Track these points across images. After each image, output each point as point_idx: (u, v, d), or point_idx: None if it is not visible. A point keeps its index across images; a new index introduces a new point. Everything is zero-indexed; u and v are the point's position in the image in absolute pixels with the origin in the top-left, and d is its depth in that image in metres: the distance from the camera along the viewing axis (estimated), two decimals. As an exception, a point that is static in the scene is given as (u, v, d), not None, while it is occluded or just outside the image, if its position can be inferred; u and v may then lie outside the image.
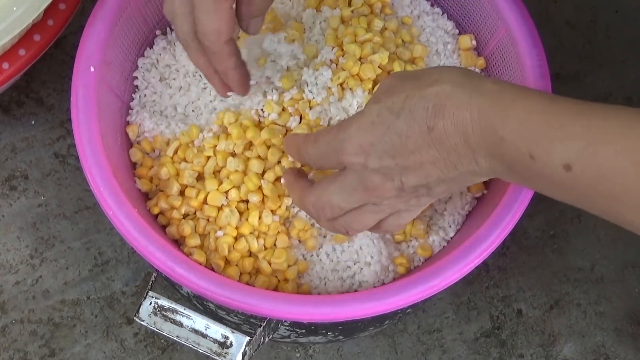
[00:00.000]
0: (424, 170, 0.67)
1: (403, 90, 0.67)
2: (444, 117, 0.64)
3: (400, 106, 0.66)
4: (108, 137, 0.82)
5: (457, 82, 0.65)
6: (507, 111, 0.62)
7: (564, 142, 0.60)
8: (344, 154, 0.69)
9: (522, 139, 0.62)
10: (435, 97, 0.65)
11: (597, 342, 1.04)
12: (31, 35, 0.88)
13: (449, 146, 0.65)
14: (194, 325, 0.74)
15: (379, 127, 0.67)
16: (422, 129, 0.65)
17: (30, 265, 1.01)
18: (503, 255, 1.06)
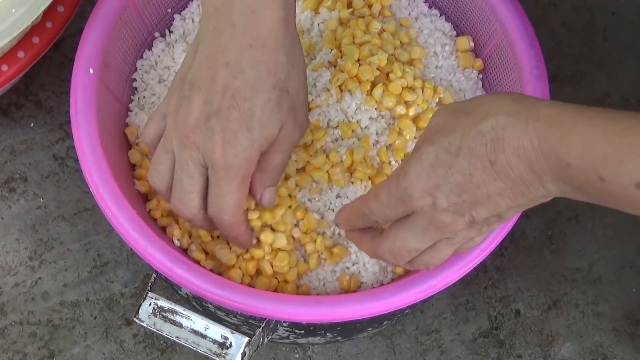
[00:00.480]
0: (492, 202, 0.66)
1: (457, 128, 0.66)
2: (504, 149, 0.63)
3: (458, 145, 0.65)
4: (107, 139, 0.82)
5: (511, 111, 0.64)
6: (569, 135, 0.61)
7: (633, 161, 0.58)
8: (411, 200, 0.68)
9: (589, 162, 0.60)
10: (492, 130, 0.64)
11: (595, 342, 1.04)
12: (30, 38, 0.88)
13: (515, 176, 0.64)
14: (194, 326, 0.74)
15: (439, 169, 0.66)
16: (485, 164, 0.64)
17: (30, 267, 1.01)
18: (501, 255, 1.06)
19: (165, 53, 0.91)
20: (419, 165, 0.67)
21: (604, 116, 0.61)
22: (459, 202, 0.66)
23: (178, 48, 0.91)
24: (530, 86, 0.84)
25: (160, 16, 0.92)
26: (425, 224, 0.69)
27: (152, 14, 0.91)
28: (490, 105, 0.65)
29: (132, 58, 0.90)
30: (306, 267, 0.84)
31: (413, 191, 0.67)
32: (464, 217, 0.67)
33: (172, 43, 0.92)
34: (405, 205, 0.69)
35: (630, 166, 0.59)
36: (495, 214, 0.67)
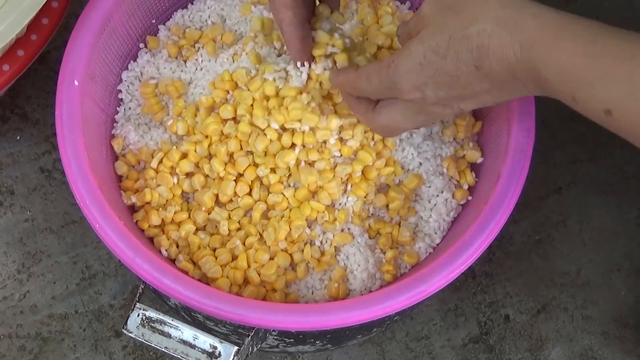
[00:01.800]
0: (479, 98, 0.69)
1: (445, 29, 0.67)
2: (489, 57, 0.65)
3: (445, 48, 0.67)
4: (93, 151, 0.82)
5: (497, 17, 0.65)
6: (550, 53, 0.63)
7: (604, 88, 0.60)
8: (401, 93, 0.71)
9: (565, 82, 0.62)
10: (477, 37, 0.65)
11: (585, 345, 1.04)
12: (15, 51, 0.88)
13: (499, 80, 0.66)
14: (183, 336, 0.74)
15: (428, 68, 0.68)
16: (470, 68, 0.66)
17: (18, 281, 1.01)
18: (489, 261, 1.06)
19: (150, 64, 0.91)
20: (409, 62, 0.69)
21: (587, 36, 0.62)
22: (447, 97, 0.69)
23: (162, 59, 0.91)
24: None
25: (144, 27, 0.92)
26: (416, 111, 0.72)
27: (137, 25, 0.91)
28: (478, 8, 0.66)
29: (117, 69, 0.90)
30: (294, 275, 0.84)
31: (403, 86, 0.70)
32: (452, 109, 0.71)
33: (157, 54, 0.92)
34: (395, 95, 0.72)
35: (601, 93, 0.60)
36: (481, 105, 0.71)
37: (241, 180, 0.84)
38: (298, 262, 0.84)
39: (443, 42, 0.67)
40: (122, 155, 0.88)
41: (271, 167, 0.83)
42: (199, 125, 0.86)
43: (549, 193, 1.10)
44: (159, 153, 0.86)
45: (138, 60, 0.92)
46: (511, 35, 0.64)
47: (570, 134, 1.10)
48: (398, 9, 0.95)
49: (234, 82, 0.85)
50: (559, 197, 1.10)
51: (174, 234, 0.84)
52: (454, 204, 0.87)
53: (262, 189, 0.84)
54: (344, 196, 0.85)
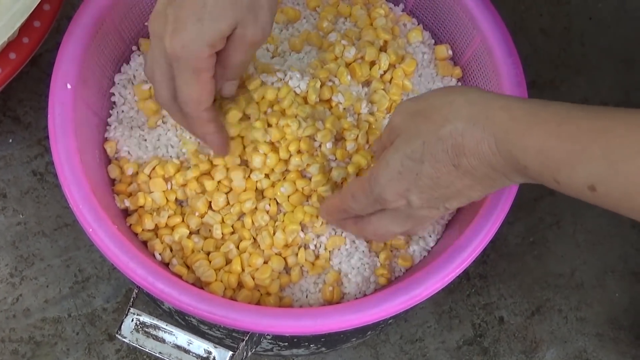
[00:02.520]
0: (463, 195, 0.69)
1: (418, 134, 0.68)
2: (465, 154, 0.66)
3: (421, 152, 0.67)
4: (86, 154, 0.82)
5: (467, 116, 0.65)
6: (524, 141, 0.63)
7: (585, 166, 0.60)
8: (386, 203, 0.71)
9: (544, 167, 0.62)
10: (451, 137, 0.66)
11: (579, 347, 1.04)
12: (7, 54, 0.87)
13: (480, 175, 0.67)
14: (177, 341, 0.74)
15: (407, 175, 0.69)
16: (449, 168, 0.67)
17: (10, 284, 1.01)
18: (483, 263, 1.06)
19: (143, 67, 0.91)
20: (387, 173, 0.70)
21: (558, 119, 0.62)
22: (431, 199, 0.70)
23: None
24: (509, 93, 0.84)
25: (137, 30, 0.92)
26: (404, 216, 0.73)
27: (129, 28, 0.91)
28: (447, 109, 0.67)
29: (110, 72, 0.90)
30: (288, 279, 0.84)
31: (387, 196, 0.70)
32: (438, 210, 0.71)
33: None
34: (382, 205, 0.72)
35: (582, 170, 0.61)
36: (467, 202, 0.71)
37: (233, 191, 0.84)
38: (292, 265, 0.84)
39: (418, 147, 0.68)
40: (115, 159, 0.88)
41: (265, 172, 0.83)
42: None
43: (543, 195, 1.10)
44: (153, 160, 0.85)
45: (131, 63, 0.91)
46: (484, 130, 0.64)
47: (564, 135, 1.10)
48: (392, 11, 0.95)
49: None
50: (553, 199, 1.10)
51: (168, 238, 0.84)
52: (449, 206, 0.87)
53: (256, 193, 0.84)
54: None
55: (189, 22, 0.70)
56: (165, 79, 0.75)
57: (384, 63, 0.87)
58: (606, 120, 0.60)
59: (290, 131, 0.82)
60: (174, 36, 0.70)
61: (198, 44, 0.70)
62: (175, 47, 0.71)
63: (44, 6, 0.90)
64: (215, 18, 0.70)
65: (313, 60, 0.88)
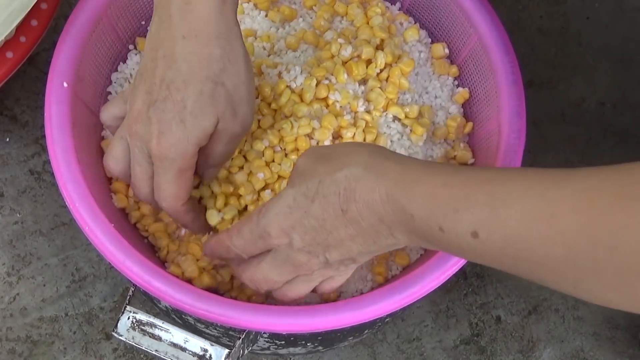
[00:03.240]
0: (344, 246, 0.69)
1: (316, 174, 0.69)
2: (356, 200, 0.66)
3: (314, 191, 0.68)
4: (83, 153, 0.82)
5: (365, 163, 0.67)
6: (413, 189, 0.64)
7: (468, 211, 0.61)
8: (269, 237, 0.71)
9: (430, 213, 0.63)
10: (345, 180, 0.67)
11: (576, 347, 1.04)
12: (4, 53, 0.88)
13: (365, 225, 0.67)
14: (173, 339, 0.74)
15: (296, 211, 0.69)
16: (337, 212, 0.67)
17: (8, 283, 1.01)
18: (480, 262, 1.06)
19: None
20: (278, 206, 0.70)
21: (447, 171, 0.64)
22: (313, 244, 0.70)
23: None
24: (505, 92, 0.84)
25: (134, 29, 0.92)
26: (282, 260, 0.72)
27: (126, 27, 0.91)
28: (348, 156, 0.68)
29: (107, 71, 0.90)
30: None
31: (271, 230, 0.70)
32: (318, 258, 0.71)
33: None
34: (265, 241, 0.72)
35: (465, 216, 0.61)
36: (348, 257, 0.71)
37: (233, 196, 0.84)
38: None
39: (313, 185, 0.68)
40: (112, 157, 0.88)
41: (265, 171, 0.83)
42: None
43: (540, 194, 1.10)
44: None
45: (127, 62, 0.91)
46: (377, 178, 0.65)
47: (561, 135, 1.10)
48: (388, 10, 0.95)
49: None
50: (550, 198, 1.10)
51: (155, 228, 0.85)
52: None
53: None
54: None
55: (173, 123, 0.72)
56: (146, 177, 0.77)
57: (380, 61, 0.87)
58: (491, 172, 0.62)
59: (285, 132, 0.83)
60: (160, 138, 0.72)
61: (184, 143, 0.73)
62: (162, 149, 0.73)
63: (41, 5, 0.90)
64: (197, 117, 0.72)
65: (309, 58, 0.88)
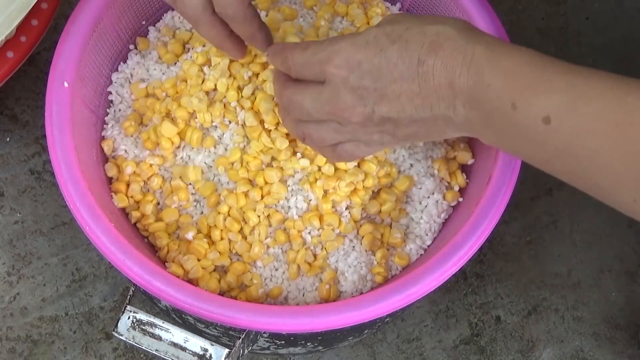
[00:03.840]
0: (399, 102, 0.67)
1: (406, 21, 0.68)
2: (437, 55, 0.65)
3: (398, 34, 0.67)
4: (83, 152, 0.82)
5: (460, 28, 0.66)
6: (499, 60, 0.63)
7: (546, 94, 0.61)
8: (329, 64, 0.69)
9: (508, 87, 0.63)
10: (435, 35, 0.66)
11: (576, 347, 1.04)
12: (4, 52, 0.88)
13: (432, 85, 0.66)
14: (173, 338, 0.74)
15: (372, 48, 0.67)
16: (412, 61, 0.66)
17: (8, 283, 1.01)
18: (480, 262, 1.06)
19: (140, 66, 0.91)
20: (355, 38, 0.68)
21: (536, 54, 0.64)
22: (369, 87, 0.68)
23: (152, 60, 0.91)
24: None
25: (135, 28, 0.92)
26: (328, 97, 0.70)
27: (127, 27, 0.91)
28: (445, 18, 0.68)
29: (107, 71, 0.90)
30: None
31: (336, 57, 0.68)
32: (365, 107, 0.68)
33: (147, 55, 0.91)
34: (322, 66, 0.69)
35: (542, 99, 0.61)
36: (394, 117, 0.68)
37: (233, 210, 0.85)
38: (290, 262, 0.84)
39: (399, 28, 0.67)
40: (112, 157, 0.88)
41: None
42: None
43: (540, 194, 1.10)
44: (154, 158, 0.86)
45: (128, 62, 0.91)
46: (467, 43, 0.65)
47: (560, 135, 1.10)
48: (388, 10, 0.95)
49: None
50: (550, 198, 1.10)
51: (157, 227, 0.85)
52: (445, 205, 0.87)
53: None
54: (342, 204, 0.85)
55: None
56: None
57: None
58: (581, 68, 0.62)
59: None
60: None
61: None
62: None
63: (41, 5, 0.90)
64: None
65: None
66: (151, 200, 0.86)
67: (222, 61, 0.85)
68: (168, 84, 0.87)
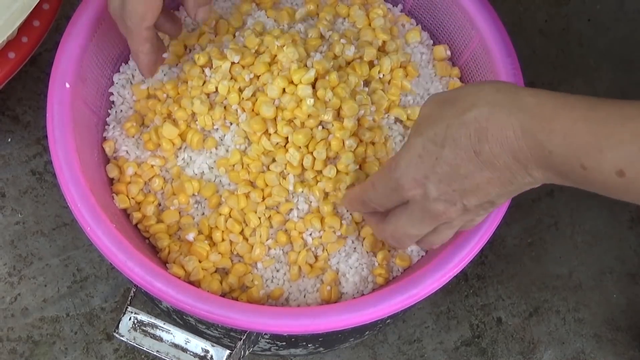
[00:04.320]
0: (482, 190, 0.67)
1: (442, 118, 0.67)
2: (488, 140, 0.64)
3: (443, 136, 0.66)
4: (85, 153, 0.82)
5: (494, 101, 0.65)
6: (551, 124, 0.62)
7: (614, 149, 0.60)
8: (404, 191, 0.70)
9: (571, 151, 0.61)
10: (475, 121, 0.65)
11: (577, 348, 1.04)
12: (6, 53, 0.88)
13: (500, 166, 0.65)
14: (174, 339, 0.74)
15: (427, 159, 0.67)
16: (469, 155, 0.65)
17: (9, 283, 1.01)
18: (481, 264, 1.06)
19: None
20: (408, 156, 0.68)
21: (585, 104, 0.62)
22: (448, 191, 0.68)
23: (155, 61, 0.91)
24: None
25: (136, 29, 0.92)
26: (420, 213, 0.70)
27: (128, 28, 0.91)
28: (474, 95, 0.66)
29: (109, 72, 0.90)
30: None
31: (404, 182, 0.69)
32: (455, 206, 0.69)
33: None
34: (399, 194, 0.70)
35: (610, 155, 0.60)
36: (486, 201, 0.68)
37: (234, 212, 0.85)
38: (292, 263, 0.84)
39: (441, 130, 0.66)
40: (114, 158, 0.88)
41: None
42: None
43: (541, 196, 1.10)
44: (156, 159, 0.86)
45: (129, 63, 0.91)
46: (509, 115, 0.63)
47: (562, 136, 1.10)
48: (390, 11, 0.95)
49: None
50: (551, 200, 1.10)
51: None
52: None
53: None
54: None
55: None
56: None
57: (386, 67, 0.87)
58: (631, 108, 0.60)
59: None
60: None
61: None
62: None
63: (43, 5, 0.90)
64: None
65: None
66: (152, 202, 0.86)
67: (223, 64, 0.85)
68: (169, 85, 0.87)
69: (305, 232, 0.84)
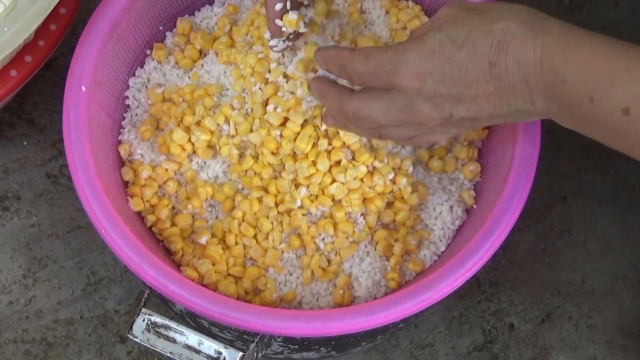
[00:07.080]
0: (476, 104, 0.67)
1: (467, 22, 0.66)
2: (507, 54, 0.64)
3: (464, 38, 0.66)
4: (100, 157, 0.82)
5: (524, 20, 0.65)
6: (571, 53, 0.62)
7: (625, 85, 0.60)
8: (399, 77, 0.68)
9: (584, 81, 0.62)
10: (501, 33, 0.65)
11: (589, 355, 1.04)
12: (22, 56, 0.88)
13: (507, 84, 0.65)
14: (188, 341, 0.74)
15: (439, 56, 0.66)
16: (484, 64, 0.65)
17: (24, 285, 1.01)
18: (494, 269, 1.06)
19: (157, 71, 0.91)
20: (421, 48, 0.67)
21: (611, 41, 0.63)
22: (444, 94, 0.67)
23: (169, 66, 0.91)
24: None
25: (152, 34, 0.93)
26: (402, 106, 0.69)
27: (144, 32, 0.91)
28: (506, 10, 0.66)
29: (124, 76, 0.91)
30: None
31: (404, 70, 0.67)
32: (442, 113, 0.68)
33: (164, 61, 0.92)
34: (389, 79, 0.69)
35: (620, 90, 0.60)
36: (473, 117, 0.68)
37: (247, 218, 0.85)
38: (304, 267, 0.84)
39: (463, 32, 0.66)
40: (129, 162, 0.88)
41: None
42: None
43: (554, 202, 1.10)
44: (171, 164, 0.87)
45: (145, 67, 0.92)
46: (535, 36, 0.64)
47: (575, 143, 1.10)
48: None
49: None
50: (564, 206, 1.10)
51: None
52: (460, 212, 0.87)
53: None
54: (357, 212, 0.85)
55: None
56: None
57: None
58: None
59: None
60: None
61: None
62: None
63: (60, 9, 0.90)
64: None
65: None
66: (167, 205, 0.86)
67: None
68: (187, 89, 0.88)
69: (318, 237, 0.84)
